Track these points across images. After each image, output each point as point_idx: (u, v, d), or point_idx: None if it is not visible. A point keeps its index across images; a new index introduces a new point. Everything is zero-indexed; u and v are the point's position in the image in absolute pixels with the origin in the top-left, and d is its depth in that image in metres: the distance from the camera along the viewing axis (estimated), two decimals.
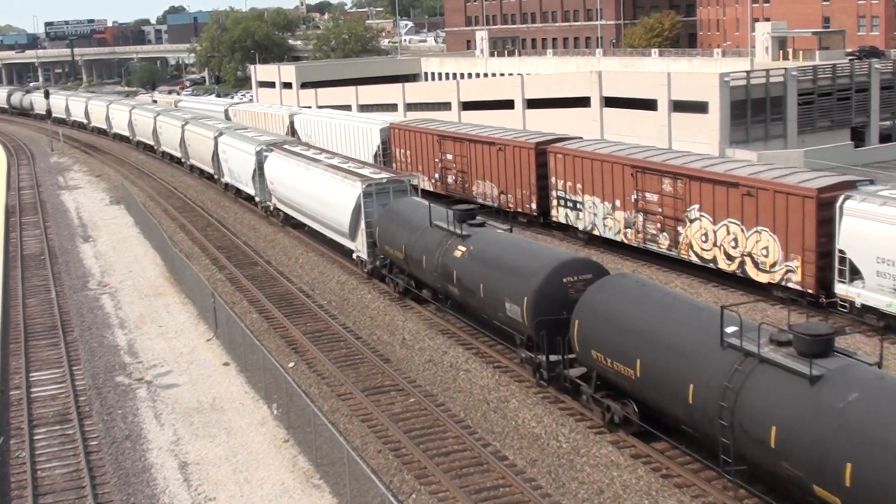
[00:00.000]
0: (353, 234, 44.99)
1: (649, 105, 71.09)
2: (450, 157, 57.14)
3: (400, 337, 36.84)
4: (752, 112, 66.95)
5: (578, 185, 47.28)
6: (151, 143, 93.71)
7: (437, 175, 58.35)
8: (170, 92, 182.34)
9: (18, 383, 34.04)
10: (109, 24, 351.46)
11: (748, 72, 71.70)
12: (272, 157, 56.57)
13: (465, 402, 30.39)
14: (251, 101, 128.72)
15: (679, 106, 69.17)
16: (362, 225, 43.50)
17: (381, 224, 41.64)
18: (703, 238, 39.98)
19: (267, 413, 30.25)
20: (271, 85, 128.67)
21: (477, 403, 30.20)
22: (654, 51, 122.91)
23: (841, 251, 33.96)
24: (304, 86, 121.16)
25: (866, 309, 33.48)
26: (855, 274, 33.62)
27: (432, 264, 36.15)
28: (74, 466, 27.35)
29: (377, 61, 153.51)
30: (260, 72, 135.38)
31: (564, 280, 29.09)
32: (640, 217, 43.46)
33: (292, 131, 79.62)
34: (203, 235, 57.04)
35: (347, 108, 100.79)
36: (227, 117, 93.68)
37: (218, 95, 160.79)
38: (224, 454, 27.65)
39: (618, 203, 44.77)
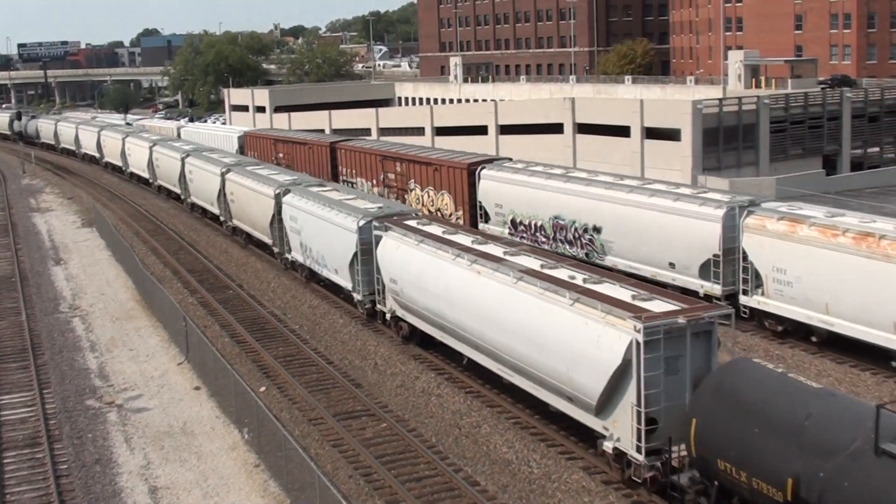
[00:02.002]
0: (603, 408, 25.57)
1: (622, 132, 71.46)
2: (281, 155, 76.63)
3: (372, 362, 36.76)
4: (724, 139, 67.35)
5: (354, 171, 64.70)
6: (178, 190, 73.97)
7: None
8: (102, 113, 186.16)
9: None
10: (83, 46, 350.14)
11: (721, 99, 72.32)
12: (391, 241, 37.35)
13: (437, 428, 30.35)
14: (224, 122, 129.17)
15: (652, 133, 69.58)
16: (631, 397, 24.43)
17: (703, 412, 22.11)
18: (417, 201, 56.59)
19: (238, 437, 30.11)
20: (245, 108, 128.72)
21: (448, 429, 30.16)
22: (628, 78, 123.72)
23: (480, 202, 51.64)
24: (277, 110, 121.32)
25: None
26: (487, 216, 51.35)
27: None
28: (44, 490, 27.12)
29: (351, 86, 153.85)
30: (233, 95, 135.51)
31: None
32: (386, 190, 60.03)
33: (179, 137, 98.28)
34: (175, 259, 56.77)
35: (321, 131, 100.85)
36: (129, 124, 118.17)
37: (191, 119, 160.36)
38: (194, 479, 27.49)
39: (374, 181, 61.77)
